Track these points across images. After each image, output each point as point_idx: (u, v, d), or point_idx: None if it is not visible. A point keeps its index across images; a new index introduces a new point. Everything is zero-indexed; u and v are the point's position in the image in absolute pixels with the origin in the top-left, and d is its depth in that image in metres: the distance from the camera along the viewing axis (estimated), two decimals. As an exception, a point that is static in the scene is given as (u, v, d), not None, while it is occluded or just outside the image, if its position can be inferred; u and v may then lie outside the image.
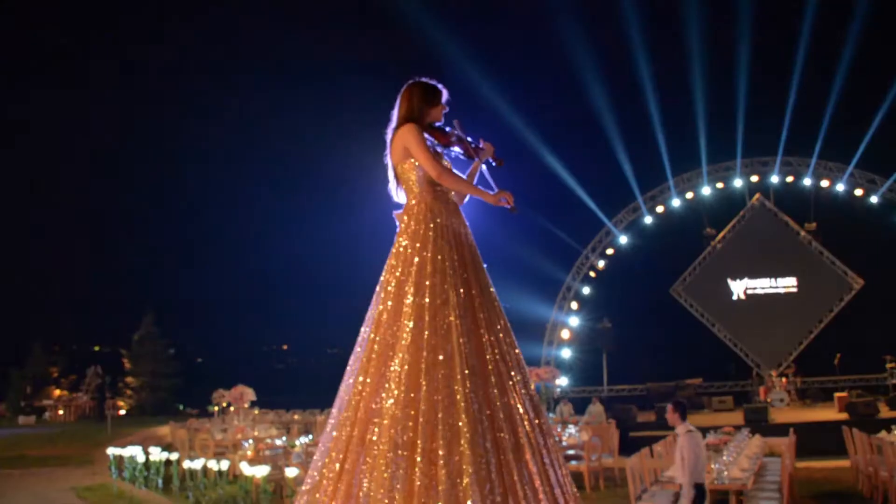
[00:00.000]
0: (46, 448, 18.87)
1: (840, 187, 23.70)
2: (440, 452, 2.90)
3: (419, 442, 2.93)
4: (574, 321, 26.15)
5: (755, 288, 24.12)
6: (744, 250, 24.19)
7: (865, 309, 22.84)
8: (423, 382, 3.05)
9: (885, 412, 16.61)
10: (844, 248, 23.42)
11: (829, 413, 17.89)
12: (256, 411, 21.23)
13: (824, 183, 23.86)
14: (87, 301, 44.02)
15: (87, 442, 20.51)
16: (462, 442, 2.93)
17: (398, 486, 2.87)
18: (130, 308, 40.51)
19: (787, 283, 23.88)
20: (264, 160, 45.64)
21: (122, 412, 36.22)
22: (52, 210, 43.69)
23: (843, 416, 16.27)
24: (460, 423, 2.96)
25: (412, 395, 3.04)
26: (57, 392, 37.02)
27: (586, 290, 26.24)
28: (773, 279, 23.88)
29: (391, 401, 3.06)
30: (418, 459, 2.90)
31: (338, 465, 3.12)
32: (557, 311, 26.14)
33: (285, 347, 57.22)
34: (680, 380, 23.27)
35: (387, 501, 2.86)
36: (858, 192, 23.63)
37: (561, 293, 26.19)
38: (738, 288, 24.31)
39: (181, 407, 36.55)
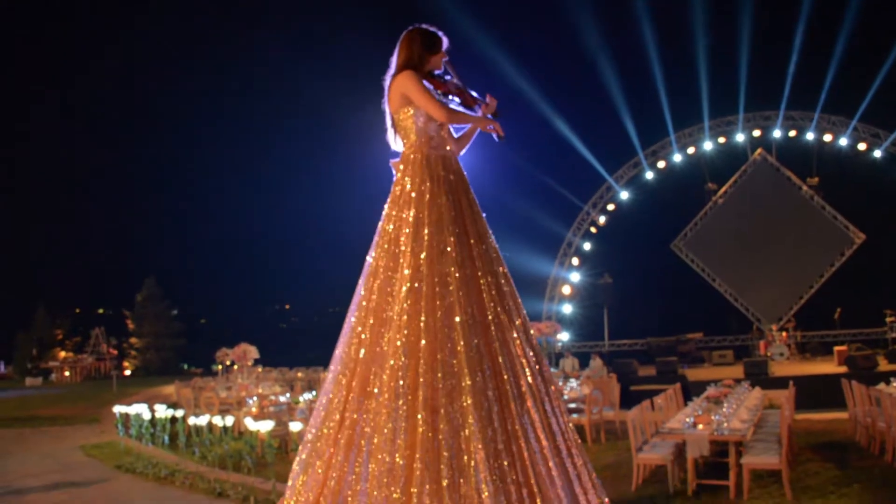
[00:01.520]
0: (54, 408, 19.09)
1: (843, 141, 23.49)
2: (442, 402, 2.90)
3: (420, 392, 2.94)
4: (575, 277, 26.20)
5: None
6: (745, 205, 24.09)
7: (867, 263, 22.83)
8: (423, 332, 3.05)
9: (884, 365, 16.71)
10: (847, 202, 23.31)
11: (828, 366, 18.00)
12: (260, 369, 21.42)
13: (827, 137, 23.65)
14: (90, 264, 44.17)
15: (93, 402, 20.75)
16: (463, 391, 2.93)
17: (400, 436, 2.88)
18: (133, 271, 40.67)
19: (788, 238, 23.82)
20: (265, 122, 45.38)
21: (128, 372, 36.59)
22: (54, 176, 43.58)
23: (843, 369, 16.37)
24: (461, 373, 2.96)
25: (412, 345, 3.04)
26: (62, 354, 37.35)
27: (587, 246, 26.24)
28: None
29: (390, 351, 3.06)
30: (420, 409, 2.91)
31: (338, 415, 3.13)
32: (558, 267, 26.17)
33: (287, 307, 57.57)
34: (680, 334, 23.39)
35: (389, 450, 2.88)
36: (862, 146, 23.43)
37: (562, 249, 26.19)
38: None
39: (185, 366, 36.92)
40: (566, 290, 26.15)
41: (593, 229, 26.16)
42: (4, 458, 10.47)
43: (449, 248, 3.22)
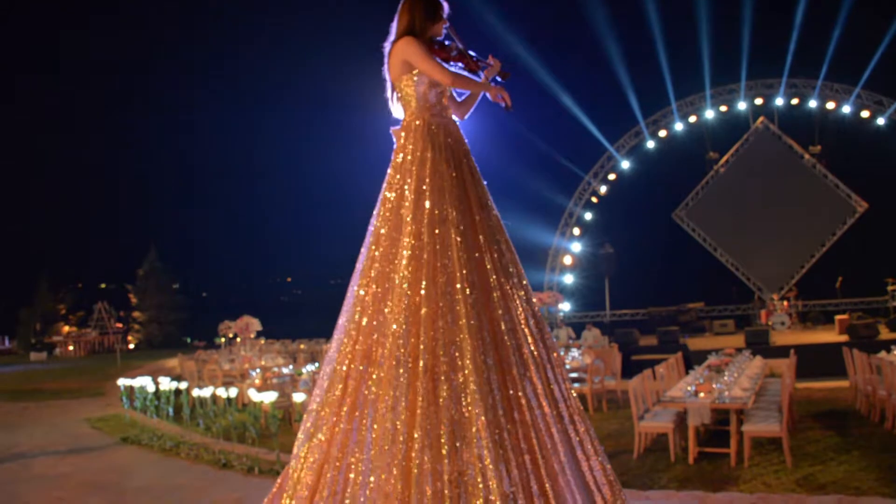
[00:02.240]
0: (59, 382, 19.24)
1: (846, 109, 23.30)
2: (442, 369, 2.91)
3: (421, 359, 2.94)
4: (576, 247, 26.21)
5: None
6: (747, 174, 24.00)
7: (868, 232, 22.79)
8: (424, 300, 3.05)
9: (885, 334, 16.77)
10: (849, 171, 23.20)
11: (829, 335, 18.07)
12: (262, 341, 21.51)
13: (830, 105, 23.45)
14: (92, 239, 44.20)
15: (97, 375, 20.89)
16: (465, 358, 2.93)
17: (401, 403, 2.89)
18: (134, 245, 40.70)
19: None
20: (265, 94, 45.08)
21: (131, 346, 36.79)
22: (55, 150, 43.45)
23: (844, 338, 16.43)
24: (463, 340, 2.97)
25: (413, 313, 3.04)
26: (66, 328, 37.53)
27: (588, 216, 26.20)
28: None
29: (392, 319, 3.06)
30: (420, 376, 2.91)
31: (342, 384, 3.14)
32: (559, 237, 26.17)
33: (289, 280, 57.69)
34: (682, 304, 23.46)
35: (390, 416, 2.89)
36: (865, 113, 23.25)
37: (563, 219, 26.16)
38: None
39: (188, 340, 37.08)
40: (567, 260, 26.17)
41: (594, 199, 26.10)
42: (12, 431, 10.56)
43: (450, 216, 3.21)
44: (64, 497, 6.64)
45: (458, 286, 3.06)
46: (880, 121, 23.09)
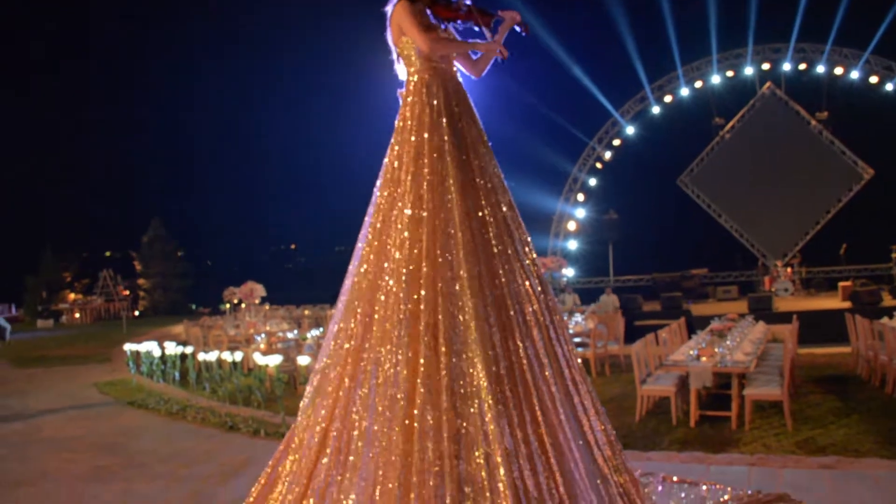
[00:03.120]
0: (66, 349, 19.40)
1: (854, 74, 23.02)
2: (444, 327, 2.93)
3: (422, 318, 2.96)
4: (580, 213, 26.16)
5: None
6: (753, 140, 23.83)
7: (874, 199, 22.65)
8: (424, 260, 3.06)
9: (888, 301, 16.79)
10: (856, 137, 23.00)
11: (832, 302, 18.10)
12: (267, 307, 21.64)
13: (838, 70, 23.18)
14: (97, 207, 44.23)
15: (104, 341, 21.06)
16: (466, 317, 2.95)
17: (403, 361, 2.92)
18: (137, 213, 40.74)
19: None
20: (269, 61, 44.73)
21: (136, 313, 37.01)
22: (57, 119, 43.29)
23: (847, 304, 16.46)
24: (464, 299, 2.98)
25: (414, 272, 3.05)
26: (72, 296, 37.73)
27: (593, 182, 26.11)
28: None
29: (393, 279, 3.07)
30: (422, 334, 2.94)
31: (346, 344, 3.17)
32: (564, 203, 26.11)
33: (293, 247, 57.77)
34: (685, 270, 23.48)
35: (392, 375, 2.92)
36: (874, 79, 22.97)
37: (567, 184, 26.08)
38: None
39: (193, 307, 37.26)
40: (571, 225, 26.15)
41: (599, 165, 25.99)
42: (21, 396, 10.68)
43: (450, 177, 3.20)
44: (73, 459, 6.73)
45: (461, 248, 3.07)
46: (889, 87, 22.82)
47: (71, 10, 41.58)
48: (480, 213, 3.21)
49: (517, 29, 3.58)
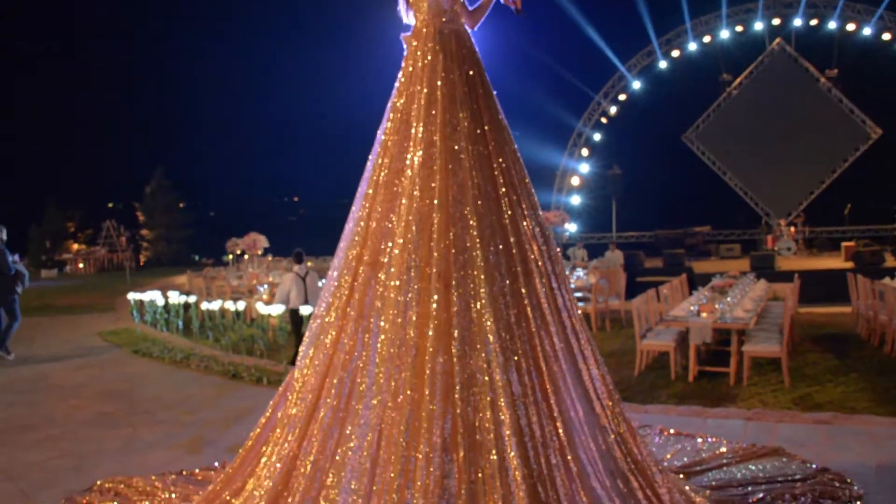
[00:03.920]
0: (70, 298, 19.53)
1: (867, 31, 22.63)
2: (454, 275, 2.94)
3: (433, 265, 2.97)
4: (584, 168, 26.04)
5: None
6: (760, 97, 23.54)
7: (881, 159, 22.45)
8: (436, 207, 3.05)
9: (890, 262, 16.80)
10: (865, 96, 22.70)
11: (835, 262, 18.11)
12: (270, 258, 21.69)
13: (850, 27, 22.78)
14: (99, 158, 44.03)
15: (108, 291, 21.18)
16: (476, 265, 2.96)
17: (412, 308, 2.93)
18: (139, 164, 40.57)
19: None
20: (273, 12, 44.02)
21: (140, 264, 37.13)
22: (59, 69, 42.80)
23: (850, 264, 16.45)
24: (473, 248, 2.98)
25: (425, 220, 3.04)
26: (75, 246, 37.80)
27: (597, 137, 25.93)
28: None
29: (402, 225, 3.07)
30: (433, 282, 2.95)
31: (348, 289, 3.18)
32: (568, 158, 25.98)
33: (296, 199, 57.65)
34: (688, 227, 23.46)
35: (400, 321, 2.93)
36: (886, 36, 22.59)
37: (571, 140, 25.90)
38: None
39: (196, 258, 37.35)
40: (575, 181, 26.05)
41: (604, 120, 25.77)
42: (28, 344, 10.78)
43: (462, 125, 3.18)
44: (80, 405, 6.83)
45: (470, 195, 3.06)
46: (901, 43, 22.45)
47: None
48: (489, 161, 3.20)
49: (510, 6, 3.51)
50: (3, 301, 9.67)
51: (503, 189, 3.18)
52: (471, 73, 3.34)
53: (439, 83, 3.24)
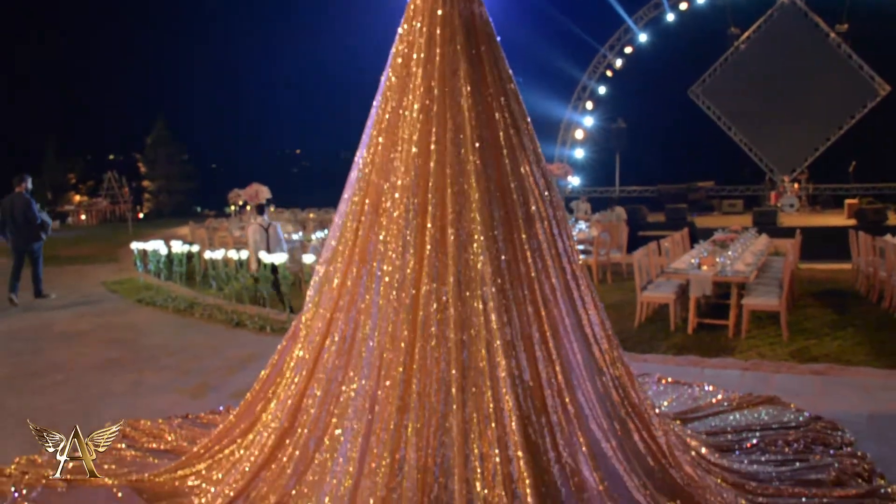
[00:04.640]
0: (73, 249, 19.59)
1: (881, -17, 22.18)
2: (450, 218, 2.96)
3: (429, 209, 2.99)
4: (588, 121, 25.83)
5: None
6: (768, 52, 23.17)
7: (888, 116, 22.20)
8: (433, 152, 3.06)
9: (893, 219, 16.73)
10: (876, 52, 22.30)
11: (838, 219, 18.08)
12: (272, 209, 21.67)
13: (862, -20, 22.31)
14: (99, 109, 43.68)
15: (110, 242, 21.26)
16: (472, 208, 2.98)
17: (409, 250, 2.96)
18: (140, 115, 40.26)
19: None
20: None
21: (142, 215, 37.17)
22: (59, 20, 42.20)
23: (852, 222, 16.42)
24: (470, 192, 3.00)
25: (423, 163, 3.06)
26: (77, 198, 37.79)
27: (602, 90, 25.66)
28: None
29: (402, 169, 3.08)
30: (429, 226, 2.97)
31: (352, 234, 3.21)
32: (572, 111, 25.76)
33: (298, 152, 57.39)
34: (692, 182, 23.36)
35: (399, 264, 2.97)
36: (898, -10, 22.15)
37: (576, 92, 25.65)
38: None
39: (199, 209, 37.37)
40: (579, 134, 25.88)
41: (609, 73, 25.47)
42: (32, 293, 10.85)
43: (461, 68, 3.16)
44: (85, 352, 6.92)
45: (468, 139, 3.06)
46: (914, -3, 22.00)
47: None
48: (489, 107, 3.19)
49: None
50: (28, 248, 9.96)
51: (503, 134, 3.18)
52: (472, 16, 3.30)
53: (439, 26, 3.21)
